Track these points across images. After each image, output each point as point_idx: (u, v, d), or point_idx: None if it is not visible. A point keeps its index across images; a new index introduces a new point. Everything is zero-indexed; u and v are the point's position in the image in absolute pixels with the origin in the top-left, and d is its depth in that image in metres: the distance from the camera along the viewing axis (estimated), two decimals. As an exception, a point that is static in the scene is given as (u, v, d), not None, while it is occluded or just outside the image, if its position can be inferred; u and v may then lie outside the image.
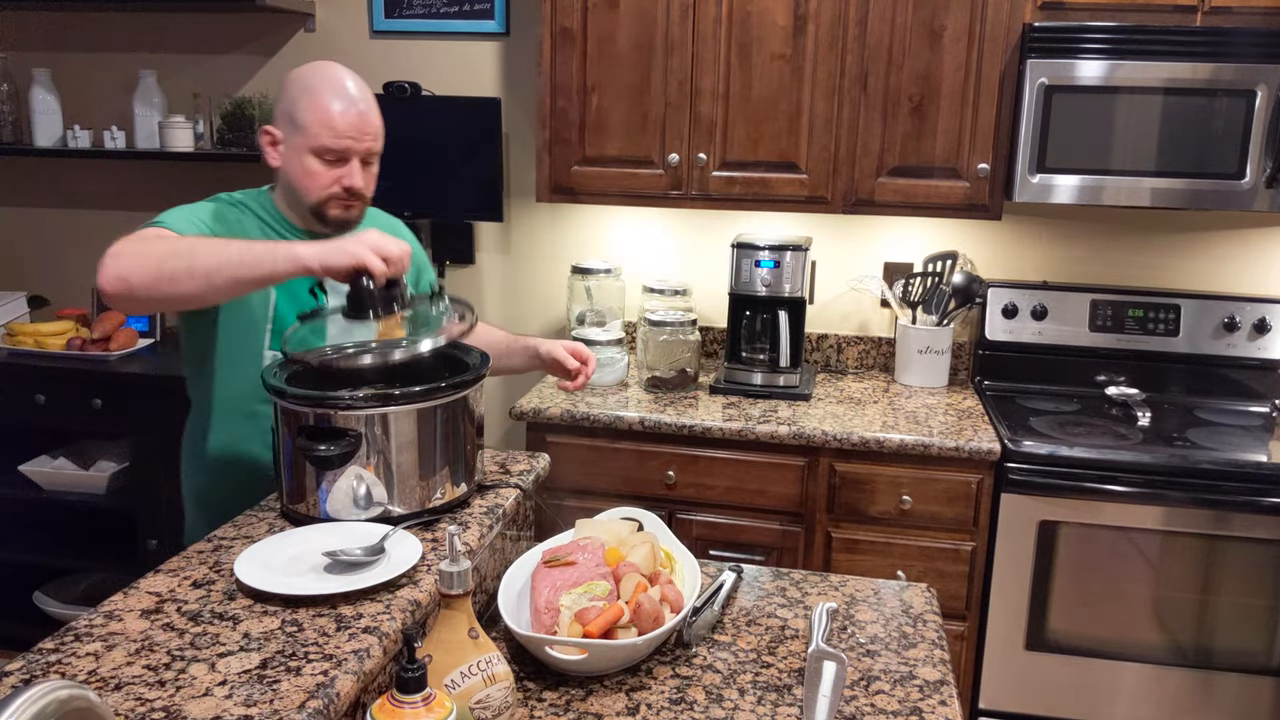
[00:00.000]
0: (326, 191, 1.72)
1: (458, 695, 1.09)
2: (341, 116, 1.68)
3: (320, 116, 1.68)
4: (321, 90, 1.70)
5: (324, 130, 1.68)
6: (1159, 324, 2.73)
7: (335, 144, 1.69)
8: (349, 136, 1.69)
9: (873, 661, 1.40)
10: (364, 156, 1.73)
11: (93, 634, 1.09)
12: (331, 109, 1.68)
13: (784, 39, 2.53)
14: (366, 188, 1.76)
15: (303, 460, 1.38)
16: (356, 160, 1.72)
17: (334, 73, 1.73)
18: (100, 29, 3.21)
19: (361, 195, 1.75)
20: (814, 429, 2.39)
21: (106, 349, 2.95)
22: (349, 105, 1.69)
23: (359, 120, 1.70)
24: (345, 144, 1.70)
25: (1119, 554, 2.31)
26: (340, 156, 1.71)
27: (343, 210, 1.75)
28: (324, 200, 1.73)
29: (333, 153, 1.70)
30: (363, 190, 1.75)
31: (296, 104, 1.70)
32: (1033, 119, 2.43)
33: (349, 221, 1.77)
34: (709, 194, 2.64)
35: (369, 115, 1.72)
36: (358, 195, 1.74)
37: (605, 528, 1.53)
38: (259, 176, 3.35)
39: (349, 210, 1.75)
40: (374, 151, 1.75)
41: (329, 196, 1.73)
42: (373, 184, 1.78)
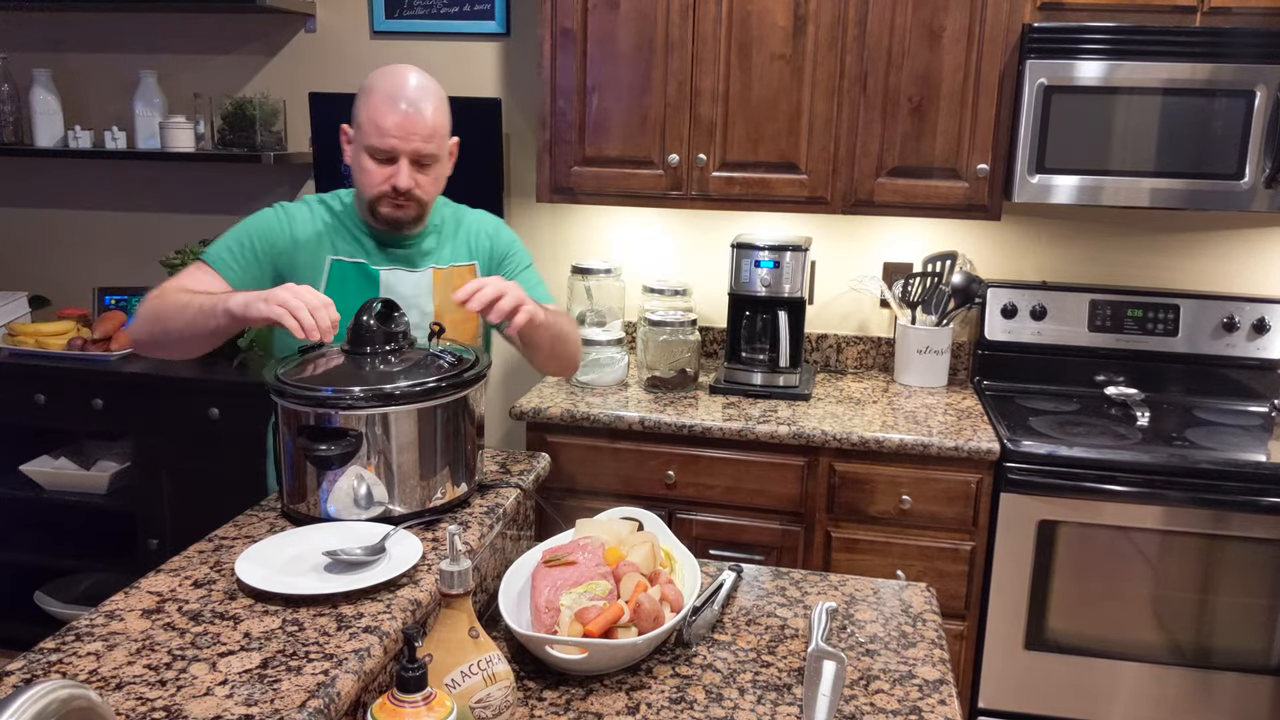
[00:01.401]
0: (378, 190, 1.76)
1: (458, 694, 1.10)
2: (389, 116, 1.71)
3: (370, 115, 1.73)
4: (376, 89, 1.74)
5: (372, 129, 1.73)
6: (1158, 324, 2.73)
7: (381, 143, 1.73)
8: (395, 136, 1.71)
9: (872, 661, 1.40)
10: (413, 157, 1.74)
11: (94, 634, 1.10)
12: (380, 108, 1.72)
13: (784, 39, 2.53)
14: (420, 189, 1.77)
15: (303, 460, 1.39)
16: (405, 161, 1.74)
17: (395, 73, 1.76)
18: (101, 29, 3.21)
19: (413, 196, 1.77)
20: (814, 429, 2.40)
21: (107, 349, 2.95)
22: (398, 105, 1.72)
23: (406, 121, 1.71)
24: (391, 143, 1.72)
25: (1118, 554, 2.31)
26: (388, 156, 1.74)
27: (392, 209, 1.78)
28: (376, 198, 1.78)
29: (380, 152, 1.74)
30: (412, 191, 1.76)
31: (358, 103, 1.76)
32: (1032, 119, 2.43)
33: (401, 220, 1.80)
34: (709, 194, 2.64)
35: (419, 116, 1.72)
36: (408, 196, 1.76)
37: (605, 527, 1.53)
38: (260, 177, 3.38)
39: (399, 209, 1.78)
40: (424, 153, 1.75)
41: (380, 195, 1.77)
42: (432, 187, 1.80)
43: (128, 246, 3.35)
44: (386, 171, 1.74)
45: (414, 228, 1.85)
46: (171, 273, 3.04)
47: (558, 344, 1.86)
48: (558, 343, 1.85)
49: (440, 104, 1.77)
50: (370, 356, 1.47)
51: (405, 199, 1.76)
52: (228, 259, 1.79)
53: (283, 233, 1.83)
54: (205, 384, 2.80)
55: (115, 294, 3.24)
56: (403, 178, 1.73)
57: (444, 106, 1.78)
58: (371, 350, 1.47)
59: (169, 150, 3.04)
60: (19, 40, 3.25)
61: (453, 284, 1.85)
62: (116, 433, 3.01)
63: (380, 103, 1.72)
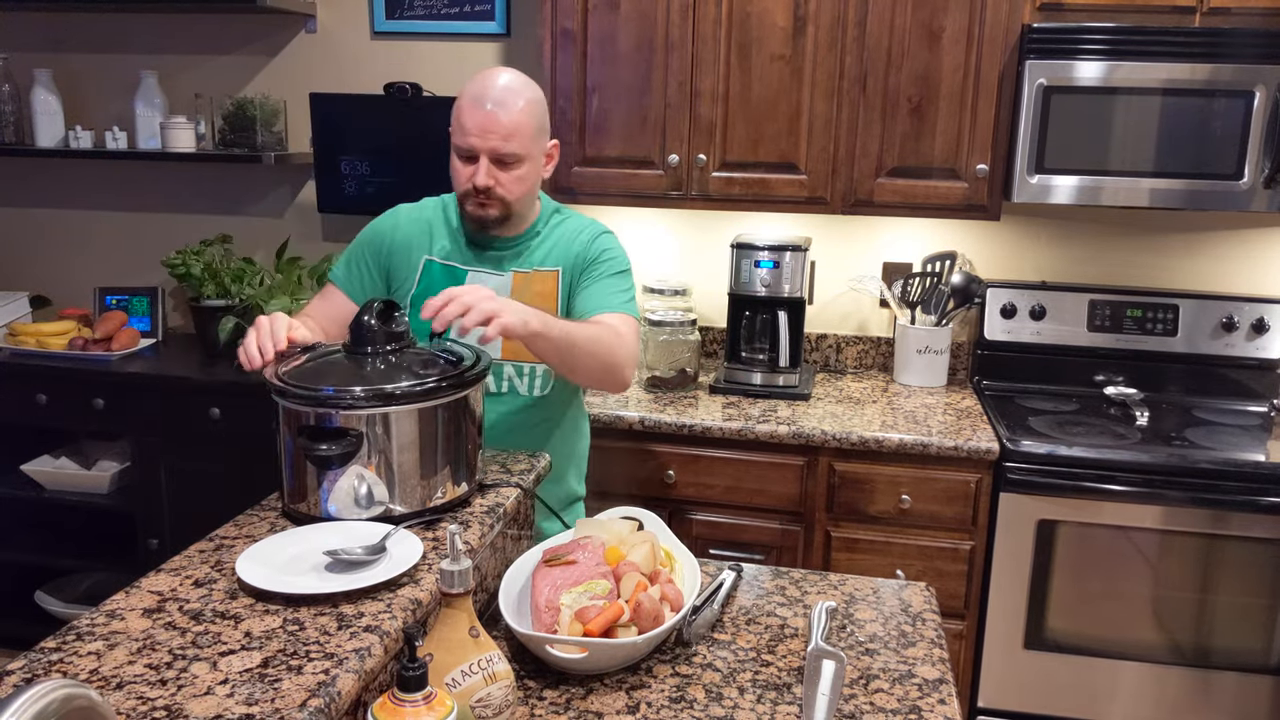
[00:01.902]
0: (463, 188, 1.81)
1: (458, 694, 1.10)
2: (470, 116, 1.76)
3: (457, 115, 1.79)
4: (466, 91, 1.79)
5: (457, 128, 1.79)
6: (1157, 324, 2.73)
7: (462, 142, 1.78)
8: (474, 135, 1.76)
9: (872, 660, 1.41)
10: (492, 156, 1.77)
11: (94, 633, 1.10)
12: (465, 109, 1.77)
13: (784, 40, 2.53)
14: (502, 187, 1.79)
15: (304, 460, 1.39)
16: (485, 159, 1.77)
17: (485, 75, 1.81)
18: (101, 29, 3.22)
19: (494, 195, 1.79)
20: (813, 428, 2.40)
21: (108, 349, 2.95)
22: (481, 106, 1.76)
23: (485, 119, 1.75)
24: (470, 142, 1.76)
25: (1117, 553, 2.31)
26: (469, 154, 1.78)
27: (476, 208, 1.82)
28: (462, 196, 1.83)
29: (462, 150, 1.78)
30: (493, 190, 1.78)
31: (454, 104, 1.81)
32: (1031, 120, 2.43)
33: (485, 220, 1.83)
34: (709, 194, 2.65)
35: (497, 116, 1.75)
36: (490, 195, 1.79)
37: (605, 527, 1.53)
38: (260, 177, 3.38)
39: (482, 208, 1.81)
40: (501, 152, 1.76)
41: (465, 194, 1.81)
42: (516, 186, 1.80)
43: (128, 246, 3.36)
44: (470, 170, 1.78)
45: (503, 228, 1.86)
46: (172, 272, 3.07)
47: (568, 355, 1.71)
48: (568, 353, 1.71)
49: (527, 105, 1.79)
50: (371, 356, 1.47)
51: (487, 197, 1.79)
52: (346, 274, 1.91)
53: (385, 237, 1.91)
54: (205, 384, 2.80)
55: (116, 294, 3.24)
56: (481, 175, 1.77)
57: (532, 108, 1.80)
58: (372, 350, 1.48)
59: (170, 150, 3.04)
60: (20, 40, 3.25)
61: (532, 289, 1.87)
62: (117, 433, 3.01)
63: (466, 103, 1.78)
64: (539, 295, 1.87)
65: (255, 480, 2.44)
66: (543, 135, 1.85)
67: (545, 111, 1.86)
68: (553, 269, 1.90)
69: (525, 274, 1.89)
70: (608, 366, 1.77)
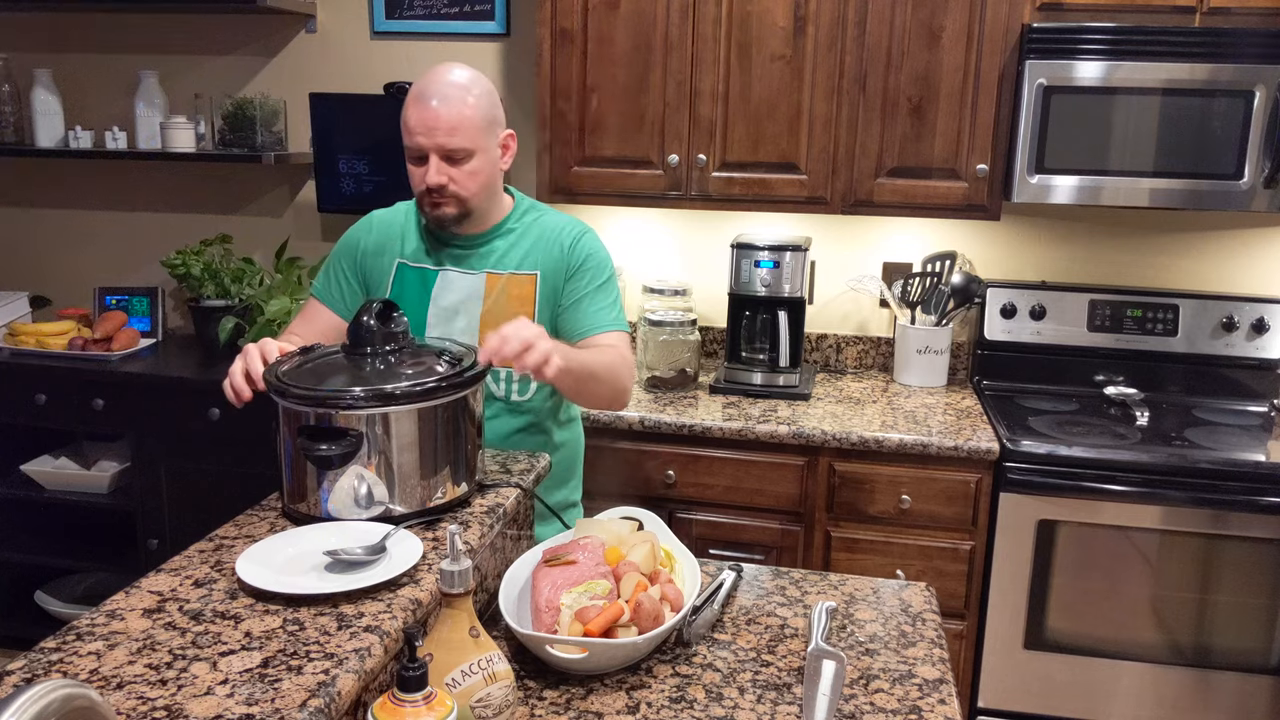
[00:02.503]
0: (418, 189, 1.79)
1: (459, 694, 1.10)
2: (414, 114, 1.74)
3: (404, 116, 1.76)
4: (411, 91, 1.77)
5: (404, 129, 1.76)
6: (1157, 324, 2.73)
7: (409, 141, 1.76)
8: (419, 133, 1.73)
9: (872, 660, 1.41)
10: (440, 153, 1.74)
11: (94, 633, 1.10)
12: (410, 108, 1.75)
13: (784, 40, 2.53)
14: (455, 184, 1.76)
15: (304, 460, 1.39)
16: (434, 157, 1.74)
17: (430, 73, 1.77)
18: (101, 30, 3.22)
19: (449, 193, 1.76)
20: (813, 429, 2.40)
21: (108, 349, 2.95)
22: (423, 103, 1.73)
23: (429, 116, 1.72)
24: (417, 140, 1.74)
25: (1118, 553, 2.31)
26: (418, 154, 1.76)
27: (431, 208, 1.79)
28: (420, 198, 1.81)
29: (411, 151, 1.76)
30: (446, 187, 1.75)
31: None
32: (1031, 120, 2.43)
33: (443, 219, 1.80)
34: (709, 194, 2.65)
35: (439, 112, 1.72)
36: (443, 193, 1.76)
37: (605, 527, 1.53)
38: (260, 177, 3.38)
39: (437, 208, 1.78)
40: (448, 148, 1.73)
41: (420, 195, 1.79)
42: (469, 181, 1.77)
43: (128, 246, 3.36)
44: (422, 170, 1.76)
45: (465, 225, 1.83)
46: (171, 273, 3.07)
47: (586, 384, 1.75)
48: (586, 383, 1.74)
49: (473, 99, 1.74)
50: (370, 356, 1.47)
51: (441, 196, 1.76)
52: (325, 287, 1.90)
53: (360, 244, 1.90)
54: (205, 384, 2.80)
55: (116, 294, 3.24)
56: (431, 174, 1.74)
57: (479, 101, 1.75)
58: (371, 350, 1.48)
59: (170, 150, 3.04)
60: (20, 40, 3.25)
61: (509, 292, 1.84)
62: (116, 433, 3.01)
63: (411, 102, 1.75)
64: (515, 299, 1.84)
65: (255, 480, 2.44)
66: (494, 127, 1.80)
67: (495, 103, 1.80)
68: (530, 273, 1.86)
69: (500, 276, 1.85)
70: (617, 392, 1.81)
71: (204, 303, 3.07)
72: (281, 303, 2.80)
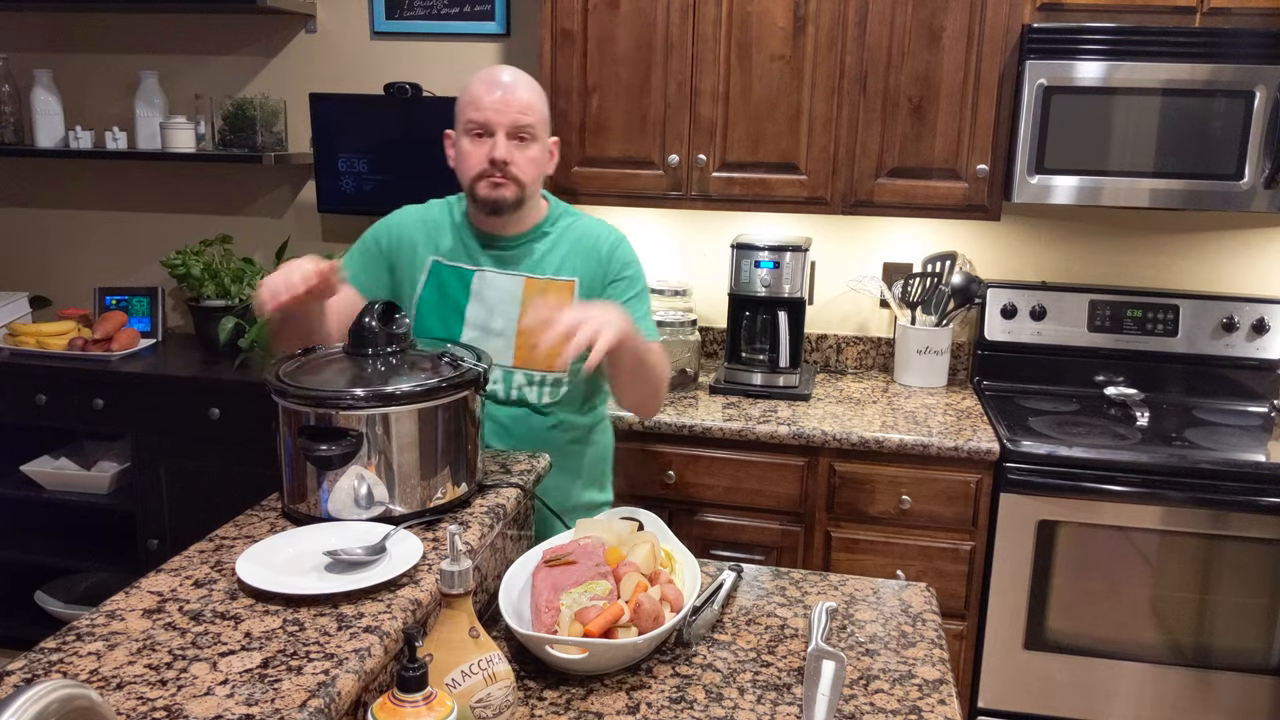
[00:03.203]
0: (476, 168, 1.80)
1: (459, 694, 1.10)
2: (485, 93, 1.78)
3: (466, 99, 1.80)
4: (472, 81, 1.82)
5: (469, 107, 1.79)
6: (1157, 324, 2.73)
7: (477, 115, 1.78)
8: (490, 109, 1.77)
9: (872, 660, 1.41)
10: (510, 130, 1.77)
11: (94, 633, 1.10)
12: (476, 89, 1.79)
13: (784, 40, 2.53)
14: (516, 165, 1.79)
15: (304, 460, 1.39)
16: (502, 134, 1.77)
17: (490, 67, 1.84)
18: (101, 30, 3.22)
19: (511, 174, 1.78)
20: (814, 429, 2.40)
21: (108, 349, 2.95)
22: (492, 84, 1.79)
23: (502, 94, 1.77)
24: (486, 115, 1.77)
25: (1118, 554, 2.31)
26: (483, 128, 1.78)
27: (490, 188, 1.80)
28: (475, 179, 1.81)
29: (476, 124, 1.79)
30: (510, 167, 1.78)
31: (458, 101, 1.82)
32: (1031, 120, 2.43)
33: (499, 202, 1.81)
34: (709, 195, 2.65)
35: (513, 92, 1.78)
36: (506, 173, 1.78)
37: (605, 527, 1.53)
38: (260, 177, 3.37)
39: (497, 189, 1.80)
40: (520, 125, 1.78)
41: (479, 175, 1.80)
42: (530, 167, 1.80)
43: (128, 247, 3.36)
44: (484, 147, 1.78)
45: (510, 221, 1.84)
46: (171, 273, 3.07)
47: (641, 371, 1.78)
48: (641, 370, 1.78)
49: (538, 91, 1.83)
50: (371, 357, 1.47)
51: (503, 176, 1.78)
52: (358, 265, 1.90)
53: (392, 235, 1.91)
54: (205, 384, 2.80)
55: (116, 294, 3.24)
56: (500, 148, 1.76)
57: (541, 96, 1.84)
58: (373, 351, 1.48)
59: (170, 151, 3.05)
60: (20, 41, 3.25)
61: (547, 299, 1.85)
62: (116, 433, 3.01)
63: (478, 85, 1.80)
64: (552, 305, 1.85)
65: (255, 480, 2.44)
66: (548, 126, 1.86)
67: (548, 105, 1.87)
68: (569, 279, 1.87)
69: (539, 281, 1.86)
70: (656, 392, 1.86)
71: (204, 303, 3.07)
72: (281, 303, 2.79)
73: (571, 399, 1.89)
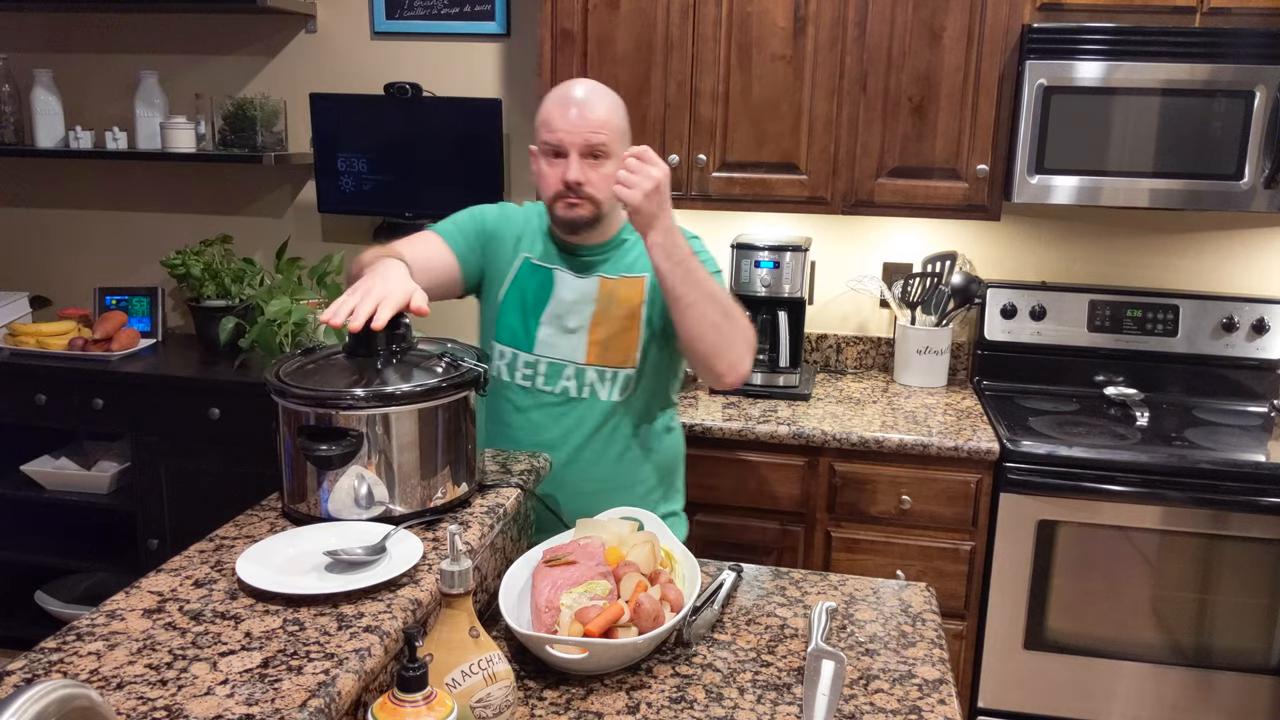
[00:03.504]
0: (553, 189, 1.80)
1: (459, 694, 1.10)
2: (558, 113, 1.77)
3: (541, 119, 1.80)
4: (547, 99, 1.81)
5: (543, 128, 1.79)
6: (1157, 324, 2.73)
7: (550, 138, 1.78)
8: (563, 130, 1.76)
9: (872, 660, 1.41)
10: (583, 150, 1.77)
11: (94, 633, 1.10)
12: (550, 109, 1.79)
13: (784, 40, 2.53)
14: (590, 185, 1.77)
15: (304, 460, 1.39)
16: (574, 154, 1.76)
17: (566, 84, 1.83)
18: (101, 30, 3.22)
19: (585, 194, 1.78)
20: (814, 429, 2.40)
21: (108, 349, 2.95)
22: (566, 103, 1.77)
23: (575, 114, 1.76)
24: (559, 137, 1.77)
25: (1118, 553, 2.31)
26: (557, 150, 1.78)
27: (566, 208, 1.80)
28: (553, 200, 1.81)
29: (550, 147, 1.78)
30: (583, 187, 1.77)
31: (536, 120, 1.82)
32: (1031, 120, 2.43)
33: (576, 221, 1.81)
34: (709, 195, 2.65)
35: (586, 111, 1.76)
36: (580, 194, 1.77)
37: (605, 527, 1.53)
38: (260, 177, 3.37)
39: (572, 209, 1.79)
40: (594, 144, 1.76)
41: (555, 195, 1.80)
42: (604, 185, 1.77)
43: (128, 246, 3.36)
44: (559, 169, 1.78)
45: (591, 233, 1.84)
46: (171, 273, 3.07)
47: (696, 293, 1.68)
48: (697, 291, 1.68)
49: (612, 105, 1.81)
50: (372, 357, 1.47)
51: (577, 196, 1.77)
52: (455, 232, 1.90)
53: (492, 220, 1.93)
54: (205, 384, 2.80)
55: (116, 294, 3.24)
56: (573, 170, 1.76)
57: (616, 109, 1.81)
58: (373, 351, 1.47)
59: (170, 151, 3.04)
60: (20, 40, 3.25)
61: (619, 293, 1.85)
62: (116, 433, 3.01)
63: (552, 105, 1.79)
64: (624, 300, 1.85)
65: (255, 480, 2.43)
66: (626, 137, 1.84)
67: (626, 116, 1.85)
68: (640, 275, 1.87)
69: (610, 280, 1.87)
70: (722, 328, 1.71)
71: (204, 303, 3.07)
72: (282, 303, 2.79)
73: (641, 398, 1.89)
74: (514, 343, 1.87)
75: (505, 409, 1.90)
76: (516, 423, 1.88)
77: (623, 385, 1.86)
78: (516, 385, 1.88)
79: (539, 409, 1.87)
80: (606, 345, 1.84)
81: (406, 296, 1.47)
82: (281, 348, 2.72)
